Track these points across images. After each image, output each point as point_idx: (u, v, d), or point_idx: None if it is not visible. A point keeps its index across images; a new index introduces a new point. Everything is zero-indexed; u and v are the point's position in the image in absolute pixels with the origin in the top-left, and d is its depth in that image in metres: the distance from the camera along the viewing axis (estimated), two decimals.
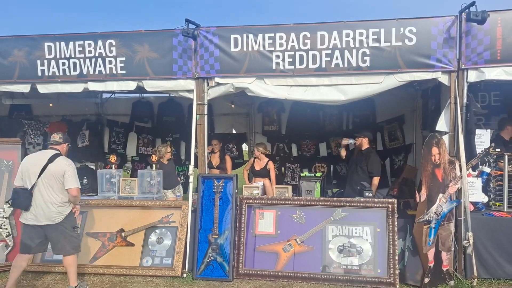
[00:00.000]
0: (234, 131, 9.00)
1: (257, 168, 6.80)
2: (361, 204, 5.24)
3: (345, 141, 6.32)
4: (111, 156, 6.40)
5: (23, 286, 5.09)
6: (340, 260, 5.15)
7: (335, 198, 5.42)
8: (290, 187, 5.84)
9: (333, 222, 5.27)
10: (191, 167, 5.57)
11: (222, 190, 5.49)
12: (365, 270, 5.07)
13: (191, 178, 5.55)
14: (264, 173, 6.75)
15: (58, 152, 4.73)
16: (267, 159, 6.85)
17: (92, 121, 9.02)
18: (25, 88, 6.04)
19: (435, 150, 4.91)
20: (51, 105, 7.93)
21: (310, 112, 7.95)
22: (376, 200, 5.26)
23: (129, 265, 5.48)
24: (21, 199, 4.53)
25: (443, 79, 5.13)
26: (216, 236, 5.38)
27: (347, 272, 5.08)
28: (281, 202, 5.46)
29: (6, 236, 5.71)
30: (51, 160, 4.59)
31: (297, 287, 5.00)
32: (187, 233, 5.51)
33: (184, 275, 5.36)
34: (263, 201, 5.50)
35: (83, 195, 6.10)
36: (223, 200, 5.47)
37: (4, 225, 5.74)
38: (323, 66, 5.25)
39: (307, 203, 5.38)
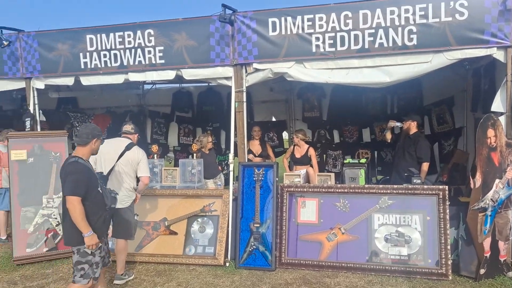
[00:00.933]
0: (273, 119, 8.87)
1: (298, 155, 6.64)
2: (409, 191, 4.98)
3: (391, 123, 6.03)
4: (153, 146, 6.45)
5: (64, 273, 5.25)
6: (388, 250, 4.94)
7: (380, 186, 5.18)
8: (332, 174, 5.65)
9: (379, 210, 5.04)
10: (231, 155, 5.50)
11: (262, 178, 5.39)
12: (415, 260, 4.82)
13: (231, 167, 5.48)
14: (305, 160, 6.58)
15: (131, 141, 4.94)
16: (307, 145, 6.67)
17: (134, 112, 9.18)
18: (69, 80, 6.18)
19: (490, 132, 4.55)
20: (95, 97, 8.10)
21: (352, 96, 7.67)
22: (425, 187, 4.98)
23: (173, 254, 5.51)
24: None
25: (499, 55, 4.74)
26: (258, 225, 5.30)
27: (395, 262, 4.87)
28: (323, 190, 5.29)
29: (56, 226, 5.90)
30: (128, 147, 4.82)
31: (342, 277, 4.84)
32: (228, 222, 5.47)
33: (227, 264, 5.33)
34: (305, 189, 5.36)
35: None
36: (264, 189, 5.37)
37: (54, 215, 5.93)
38: (366, 46, 4.99)
39: (351, 190, 5.18)
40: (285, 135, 8.90)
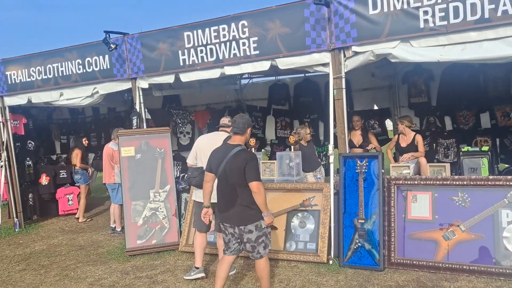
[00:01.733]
0: (375, 107, 8.29)
1: (403, 144, 6.07)
2: None
3: None
4: (251, 140, 6.37)
5: (170, 265, 5.39)
6: None
7: (509, 177, 4.44)
8: (447, 165, 5.02)
9: (507, 205, 4.34)
10: (330, 147, 5.18)
11: (366, 170, 4.98)
12: None
13: (331, 159, 5.16)
14: (411, 149, 5.99)
15: (228, 134, 4.86)
16: (414, 132, 6.06)
17: (232, 108, 9.27)
18: (169, 78, 6.37)
19: None
20: (195, 92, 8.32)
21: (468, 76, 6.82)
22: None
23: (274, 249, 5.36)
24: (198, 177, 4.65)
25: None
26: (363, 221, 4.91)
27: None
28: (438, 182, 4.72)
29: (163, 219, 6.14)
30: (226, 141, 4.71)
31: (464, 281, 4.25)
32: (330, 217, 5.16)
33: (330, 262, 5.03)
34: (416, 182, 4.83)
35: None
36: (367, 182, 4.96)
37: (161, 209, 6.17)
38: (486, 16, 4.30)
39: (471, 183, 4.54)
40: (388, 124, 8.27)
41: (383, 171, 4.91)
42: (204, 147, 4.77)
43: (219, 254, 4.82)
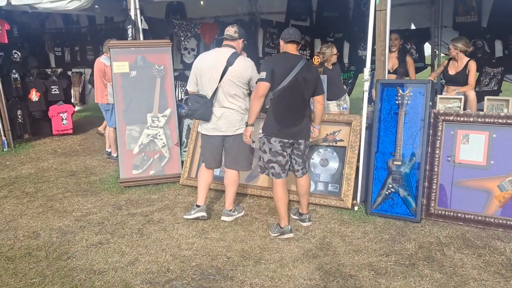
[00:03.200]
0: (412, 26, 7.09)
1: (452, 72, 5.04)
2: None
3: None
4: (315, 57, 5.33)
5: (170, 200, 4.69)
6: None
7: None
8: (511, 99, 4.05)
9: None
10: (367, 70, 4.18)
11: (409, 102, 4.04)
12: None
13: (366, 86, 4.19)
14: (461, 79, 4.98)
15: (235, 51, 3.90)
16: (467, 58, 5.00)
17: (244, 22, 8.10)
18: None
19: None
20: (202, 3, 7.14)
21: None
22: None
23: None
24: (202, 109, 3.89)
25: None
26: (399, 163, 4.08)
27: None
28: (499, 120, 3.79)
29: (162, 147, 5.35)
30: (230, 61, 3.81)
31: None
32: (358, 156, 4.33)
33: (355, 208, 4.29)
34: (472, 119, 3.90)
35: None
36: (409, 116, 4.05)
37: (159, 135, 5.36)
38: None
39: None
40: (427, 48, 7.13)
41: (431, 103, 3.98)
42: (204, 69, 3.90)
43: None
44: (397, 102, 4.10)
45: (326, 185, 4.55)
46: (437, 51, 6.82)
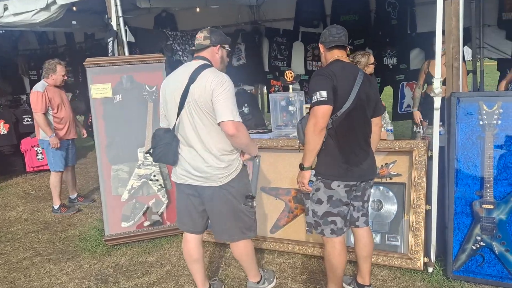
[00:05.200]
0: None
1: None
2: None
3: None
4: (287, 72, 4.22)
5: (172, 264, 3.50)
6: None
7: None
8: None
9: None
10: (437, 81, 3.05)
11: (499, 122, 2.93)
12: None
13: (437, 102, 3.06)
14: None
15: (206, 62, 2.67)
16: None
17: (247, 31, 7.04)
18: None
19: None
20: (198, 9, 6.04)
21: None
22: None
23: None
24: (161, 147, 2.69)
25: None
26: (491, 206, 2.95)
27: None
28: None
29: (158, 190, 4.18)
30: (192, 78, 2.57)
31: None
32: (426, 197, 3.20)
33: (430, 269, 3.14)
34: None
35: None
36: (501, 140, 2.94)
37: (154, 175, 4.19)
38: None
39: None
40: (466, 52, 6.09)
41: None
42: (167, 93, 2.68)
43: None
44: (480, 122, 2.98)
45: (382, 236, 3.39)
46: (479, 56, 5.78)
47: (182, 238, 2.96)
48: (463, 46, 5.63)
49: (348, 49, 2.72)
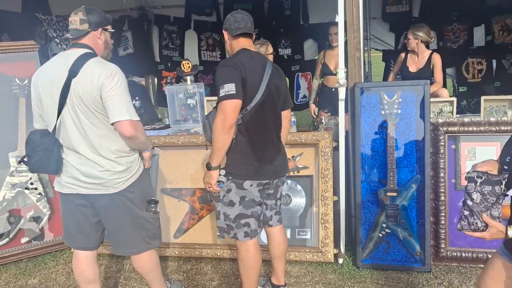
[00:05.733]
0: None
1: (413, 68, 4.17)
2: None
3: None
4: (185, 63, 3.88)
5: (61, 285, 3.02)
6: None
7: None
8: None
9: None
10: (342, 71, 3.02)
11: (398, 110, 3.00)
12: None
13: (342, 93, 3.03)
14: (425, 77, 4.12)
15: (88, 51, 2.21)
16: (430, 51, 4.19)
17: (134, 18, 6.47)
18: None
19: None
20: None
21: None
22: None
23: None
24: (38, 155, 2.22)
25: None
26: (395, 194, 3.02)
27: None
28: (510, 128, 2.94)
29: (38, 200, 3.57)
30: (73, 71, 2.14)
31: None
32: (334, 188, 3.18)
33: (340, 260, 3.13)
34: (482, 128, 2.98)
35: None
36: (401, 130, 3.02)
37: (32, 183, 3.57)
38: None
39: None
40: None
41: (437, 111, 2.99)
42: (41, 89, 2.22)
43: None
44: (382, 111, 3.03)
45: (292, 231, 3.30)
46: (366, 47, 6.06)
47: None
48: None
49: (254, 36, 2.52)
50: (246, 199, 2.38)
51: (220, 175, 2.35)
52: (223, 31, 2.46)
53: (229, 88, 2.19)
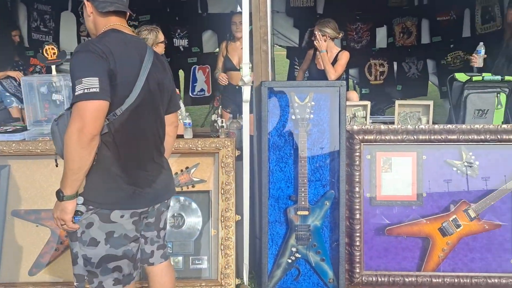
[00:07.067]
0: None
1: (321, 67, 3.80)
2: None
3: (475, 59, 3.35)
4: (48, 47, 3.03)
5: None
6: None
7: None
8: (431, 103, 2.99)
9: None
10: (246, 67, 2.47)
11: (311, 114, 2.56)
12: None
13: (246, 93, 2.49)
14: None
15: None
16: (339, 49, 3.87)
17: None
18: None
19: None
20: None
21: None
22: None
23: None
24: None
25: None
26: (306, 213, 2.58)
27: None
28: (433, 137, 2.66)
29: None
30: None
31: None
32: (236, 206, 2.66)
33: None
34: (399, 136, 2.66)
35: None
36: (313, 137, 2.59)
37: None
38: None
39: (483, 137, 2.64)
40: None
41: (352, 116, 2.60)
42: None
43: None
44: (293, 116, 2.57)
45: (186, 259, 2.70)
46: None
47: None
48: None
49: (128, 15, 1.86)
50: (115, 235, 1.73)
51: (77, 204, 1.66)
52: (86, 1, 1.76)
53: (90, 83, 1.53)
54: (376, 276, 2.63)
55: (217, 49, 5.17)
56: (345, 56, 3.76)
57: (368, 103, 2.95)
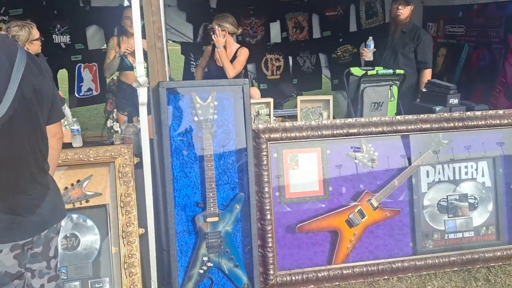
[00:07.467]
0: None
1: (221, 63, 3.68)
2: (479, 122, 2.86)
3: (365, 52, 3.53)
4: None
5: None
6: (444, 227, 2.87)
7: (434, 116, 2.86)
8: (330, 97, 3.03)
9: (431, 158, 2.84)
10: (140, 66, 2.23)
11: (214, 115, 2.42)
12: (482, 236, 2.92)
13: (143, 96, 2.25)
14: None
15: None
16: (238, 45, 3.77)
17: None
18: None
19: None
20: None
21: None
22: (501, 112, 2.93)
23: None
24: None
25: None
26: (216, 219, 2.44)
27: (456, 245, 2.87)
28: (337, 132, 2.68)
29: None
30: None
31: None
32: (139, 219, 2.42)
33: None
34: (304, 133, 2.64)
35: None
36: (219, 139, 2.45)
37: None
38: None
39: (380, 129, 2.75)
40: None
41: (256, 114, 2.50)
42: None
43: None
44: (195, 118, 2.40)
45: (84, 284, 2.39)
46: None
47: None
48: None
49: None
50: None
51: None
52: None
53: None
54: (290, 275, 2.60)
55: (104, 45, 4.74)
56: (244, 53, 3.68)
57: (271, 100, 2.90)
